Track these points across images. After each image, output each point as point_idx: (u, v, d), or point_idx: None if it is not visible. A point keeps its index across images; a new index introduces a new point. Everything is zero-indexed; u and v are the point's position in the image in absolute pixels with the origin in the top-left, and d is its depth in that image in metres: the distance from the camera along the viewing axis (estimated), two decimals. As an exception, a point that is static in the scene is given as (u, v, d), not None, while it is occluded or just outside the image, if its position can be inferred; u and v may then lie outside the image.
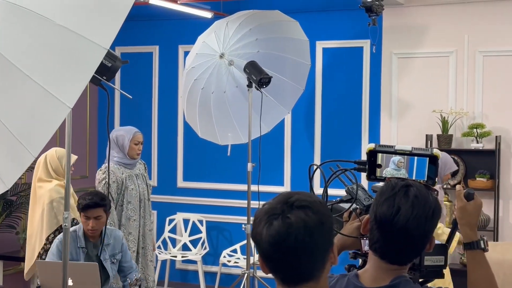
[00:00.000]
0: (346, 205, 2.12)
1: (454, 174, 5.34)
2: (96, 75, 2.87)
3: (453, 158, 5.54)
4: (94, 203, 4.03)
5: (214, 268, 6.49)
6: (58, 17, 2.32)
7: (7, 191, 4.88)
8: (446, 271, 2.44)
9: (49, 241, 4.73)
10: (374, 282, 1.73)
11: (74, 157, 4.58)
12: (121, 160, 4.98)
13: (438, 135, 5.66)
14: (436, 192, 1.91)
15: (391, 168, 2.04)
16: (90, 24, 2.37)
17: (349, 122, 6.28)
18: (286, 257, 1.41)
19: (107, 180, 4.80)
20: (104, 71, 2.92)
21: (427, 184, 1.95)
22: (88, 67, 2.36)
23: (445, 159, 4.87)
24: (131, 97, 5.15)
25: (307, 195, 1.47)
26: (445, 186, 5.05)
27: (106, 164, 4.72)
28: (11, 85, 2.37)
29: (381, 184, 1.98)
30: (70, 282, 3.44)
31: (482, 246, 1.92)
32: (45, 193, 4.87)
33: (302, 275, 1.45)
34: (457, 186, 1.90)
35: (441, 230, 4.07)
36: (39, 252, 4.74)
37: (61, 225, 4.46)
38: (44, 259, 4.53)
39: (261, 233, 1.41)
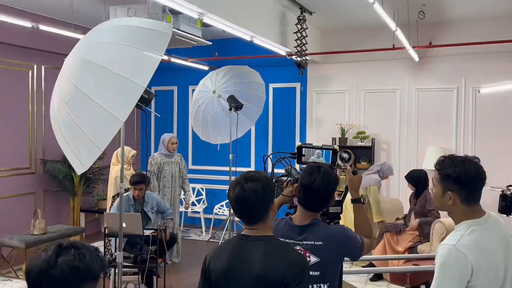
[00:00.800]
0: (285, 178, 2.54)
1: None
2: (139, 103, 3.27)
3: (347, 151, 7.13)
4: (138, 181, 4.88)
5: (209, 216, 7.85)
6: (115, 68, 2.81)
7: (87, 171, 6.56)
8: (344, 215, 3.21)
9: (114, 200, 5.69)
10: (300, 222, 2.13)
11: (133, 152, 6.15)
12: (163, 152, 5.98)
13: (339, 138, 7.21)
14: (336, 170, 2.31)
15: (314, 157, 2.55)
16: (134, 72, 2.82)
17: (288, 130, 7.76)
18: (243, 209, 1.85)
19: (148, 167, 5.77)
20: (144, 100, 3.37)
21: (330, 166, 2.34)
22: (134, 97, 2.81)
23: (389, 166, 6.14)
24: (159, 115, 7.13)
25: (258, 173, 1.89)
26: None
27: (151, 156, 6.03)
28: (87, 108, 2.83)
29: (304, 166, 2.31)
30: (124, 225, 3.96)
31: (362, 201, 2.34)
32: (113, 172, 6.00)
33: (254, 219, 1.86)
34: (348, 167, 2.30)
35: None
36: (109, 206, 5.66)
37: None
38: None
39: (230, 194, 1.85)
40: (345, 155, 7.23)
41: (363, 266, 5.44)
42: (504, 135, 6.63)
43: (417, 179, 5.36)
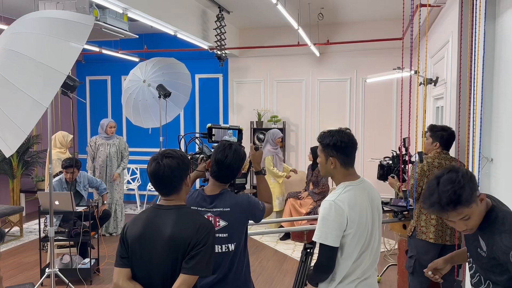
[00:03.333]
0: (198, 156, 2.50)
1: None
2: (63, 89, 3.34)
3: (263, 133, 7.08)
4: (70, 165, 4.65)
5: (143, 192, 7.78)
6: (39, 57, 2.67)
7: (25, 155, 6.34)
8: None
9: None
10: (211, 192, 2.14)
11: (70, 136, 5.74)
12: (102, 135, 5.91)
13: (256, 121, 7.30)
14: (243, 147, 2.26)
15: (227, 136, 2.54)
16: (57, 61, 2.68)
17: (213, 115, 7.76)
18: (158, 182, 1.81)
19: (86, 149, 5.84)
20: (69, 87, 3.40)
21: (239, 143, 2.36)
22: (56, 84, 2.67)
23: (273, 131, 6.03)
24: (84, 101, 6.75)
25: (174, 151, 1.84)
26: (275, 148, 5.91)
27: (90, 139, 5.86)
28: (11, 94, 2.65)
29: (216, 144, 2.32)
30: (56, 203, 4.06)
31: (263, 173, 2.41)
32: (52, 155, 5.39)
33: (168, 191, 1.82)
34: (250, 144, 2.44)
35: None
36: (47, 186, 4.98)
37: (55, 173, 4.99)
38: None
39: (148, 170, 1.82)
40: (261, 136, 7.29)
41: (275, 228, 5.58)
42: (385, 117, 7.05)
43: (317, 153, 5.54)
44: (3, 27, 4.74)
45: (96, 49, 6.38)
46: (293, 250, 5.29)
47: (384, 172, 3.56)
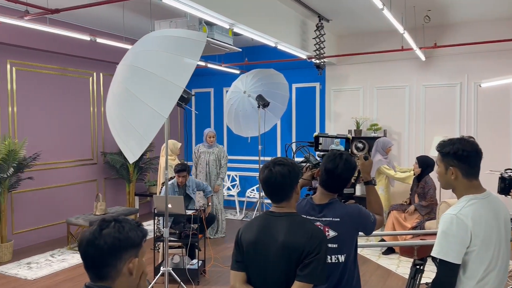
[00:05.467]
0: (304, 164, 2.51)
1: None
2: (179, 102, 3.53)
3: (361, 142, 6.84)
4: (181, 169, 4.97)
5: (242, 199, 7.98)
6: (159, 72, 2.88)
7: (139, 161, 6.85)
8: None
9: (162, 185, 5.40)
10: (320, 201, 2.11)
11: (179, 144, 6.21)
12: (204, 143, 6.27)
13: (354, 130, 7.02)
14: (356, 157, 2.31)
15: (334, 145, 2.54)
16: (175, 75, 2.87)
17: (309, 124, 7.70)
18: (270, 189, 1.85)
19: (193, 157, 6.16)
20: (184, 100, 3.59)
21: (348, 152, 2.30)
22: (175, 97, 2.86)
23: (383, 140, 5.83)
24: (197, 112, 7.21)
25: (285, 158, 1.88)
26: (386, 157, 5.73)
27: (194, 147, 6.22)
28: (135, 106, 2.88)
29: (325, 152, 2.37)
30: (169, 206, 4.24)
31: (373, 183, 2.32)
32: (162, 162, 6.08)
33: (280, 198, 1.85)
34: (359, 154, 2.63)
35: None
36: (158, 190, 5.64)
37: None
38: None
39: (260, 176, 1.86)
40: (360, 145, 7.02)
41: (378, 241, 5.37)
42: (502, 125, 6.41)
43: (425, 163, 5.29)
44: (125, 46, 5.31)
45: (202, 63, 6.75)
46: (398, 265, 5.04)
47: (506, 186, 3.23)
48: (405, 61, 6.91)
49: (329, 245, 1.99)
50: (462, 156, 1.81)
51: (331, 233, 2.03)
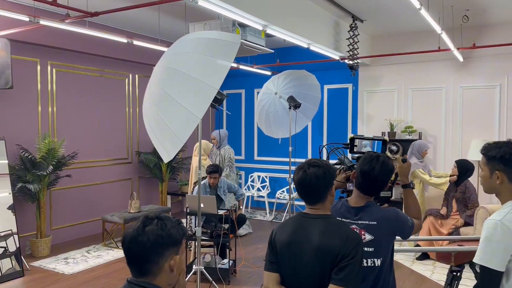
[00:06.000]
0: (338, 166, 2.50)
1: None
2: (213, 103, 3.51)
3: (395, 144, 6.49)
4: (213, 171, 5.00)
5: (272, 200, 7.97)
6: (194, 73, 2.90)
7: (172, 161, 7.02)
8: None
9: (194, 185, 5.58)
10: (355, 204, 2.09)
11: (210, 145, 6.27)
12: (215, 145, 6.25)
13: (388, 132, 6.92)
14: (392, 160, 2.15)
15: (367, 148, 2.96)
16: (210, 77, 2.88)
17: (341, 126, 7.59)
18: (305, 190, 1.84)
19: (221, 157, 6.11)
20: (217, 100, 3.56)
21: (388, 156, 2.31)
22: (209, 98, 2.87)
23: (419, 143, 5.71)
24: (230, 113, 7.28)
25: (320, 160, 1.87)
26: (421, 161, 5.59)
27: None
28: (171, 107, 2.90)
29: (360, 154, 2.33)
30: (202, 205, 4.17)
31: (411, 186, 2.28)
32: (194, 162, 6.18)
33: (314, 199, 1.84)
34: (397, 156, 2.49)
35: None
36: (190, 190, 5.76)
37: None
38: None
39: (295, 178, 1.86)
40: (394, 148, 6.75)
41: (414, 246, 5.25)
42: (547, 128, 6.12)
43: (465, 167, 5.14)
44: (160, 48, 5.43)
45: (234, 64, 6.80)
46: (432, 271, 4.91)
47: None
48: (442, 62, 6.74)
49: (365, 249, 1.97)
50: (509, 160, 1.77)
51: (368, 237, 2.00)
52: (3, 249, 4.69)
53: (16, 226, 4.88)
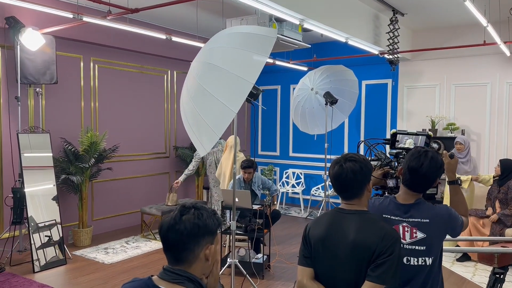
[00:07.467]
0: (375, 162, 2.48)
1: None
2: (248, 97, 3.41)
3: (437, 142, 6.53)
4: (248, 166, 5.00)
5: (307, 197, 7.93)
6: (230, 68, 2.92)
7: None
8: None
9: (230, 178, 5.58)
10: (404, 201, 2.02)
11: (238, 140, 5.63)
12: None
13: (429, 129, 6.66)
14: (441, 155, 2.08)
15: (413, 143, 2.43)
16: (246, 72, 2.89)
17: (379, 122, 7.45)
18: (341, 185, 1.79)
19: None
20: (253, 95, 3.49)
21: (437, 151, 2.13)
22: (245, 92, 2.88)
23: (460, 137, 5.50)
24: (265, 108, 7.27)
25: (357, 154, 1.83)
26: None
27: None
28: (207, 101, 2.92)
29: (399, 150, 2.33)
30: (237, 200, 4.24)
31: (459, 182, 2.22)
32: (224, 157, 5.86)
33: (350, 195, 1.80)
34: (444, 152, 2.14)
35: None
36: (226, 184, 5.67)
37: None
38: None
39: (331, 172, 1.82)
40: (435, 145, 6.65)
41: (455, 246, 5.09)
42: None
43: (509, 167, 4.96)
44: (198, 44, 5.48)
45: (271, 60, 6.76)
46: (473, 273, 4.73)
47: None
48: (487, 57, 6.47)
49: (416, 247, 1.92)
50: None
51: (419, 235, 1.93)
52: (48, 238, 4.90)
53: (60, 216, 5.08)
